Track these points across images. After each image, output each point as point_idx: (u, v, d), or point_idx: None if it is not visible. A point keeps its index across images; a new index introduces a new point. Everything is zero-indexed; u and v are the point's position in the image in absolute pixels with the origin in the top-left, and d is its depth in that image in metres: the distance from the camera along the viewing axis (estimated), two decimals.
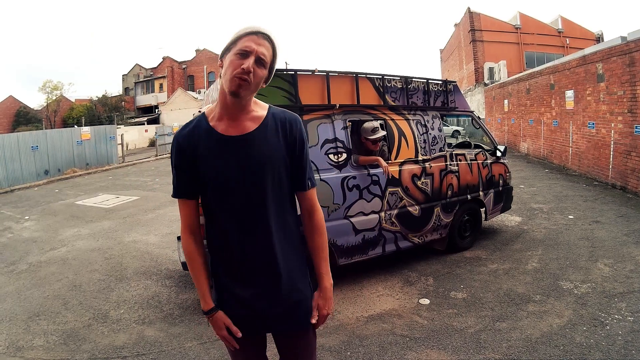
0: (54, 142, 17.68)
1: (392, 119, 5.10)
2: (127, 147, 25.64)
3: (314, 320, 1.81)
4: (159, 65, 47.19)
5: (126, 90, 49.01)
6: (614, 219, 7.14)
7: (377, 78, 5.00)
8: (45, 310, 4.65)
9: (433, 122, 5.50)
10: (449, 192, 5.55)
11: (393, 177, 4.94)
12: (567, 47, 30.61)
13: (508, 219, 7.47)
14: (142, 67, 49.01)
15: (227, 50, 1.64)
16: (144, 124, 37.73)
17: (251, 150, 1.66)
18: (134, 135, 32.30)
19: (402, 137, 5.13)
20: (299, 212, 1.87)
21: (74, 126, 27.97)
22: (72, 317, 4.45)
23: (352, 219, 4.66)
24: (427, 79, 5.48)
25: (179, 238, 5.39)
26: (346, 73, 4.78)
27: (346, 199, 4.59)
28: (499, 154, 6.27)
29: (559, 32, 32.34)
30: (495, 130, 22.71)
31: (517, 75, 20.50)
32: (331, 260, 4.61)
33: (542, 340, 3.55)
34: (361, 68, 39.85)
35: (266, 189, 1.67)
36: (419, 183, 5.19)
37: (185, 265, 4.49)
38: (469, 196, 5.82)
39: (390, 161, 4.96)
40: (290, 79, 4.36)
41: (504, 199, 6.51)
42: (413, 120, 5.29)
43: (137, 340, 3.89)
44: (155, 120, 40.43)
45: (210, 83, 40.73)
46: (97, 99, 45.24)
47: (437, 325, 3.92)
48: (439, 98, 5.63)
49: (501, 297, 4.42)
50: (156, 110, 43.17)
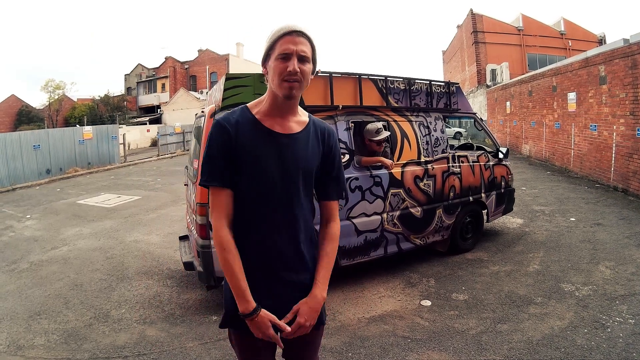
0: (56, 141, 17.70)
1: (394, 121, 5.09)
2: (129, 147, 25.66)
3: (284, 321, 1.67)
4: (161, 65, 47.21)
5: (128, 90, 49.05)
6: (615, 222, 7.13)
7: (380, 79, 5.00)
8: (46, 309, 4.65)
9: (435, 124, 5.50)
10: (451, 194, 5.55)
11: (395, 178, 4.94)
12: (569, 49, 30.65)
13: (510, 221, 7.46)
14: (145, 67, 49.04)
15: (267, 56, 1.65)
16: (146, 124, 37.76)
17: (295, 150, 1.69)
18: (136, 135, 32.34)
19: (404, 139, 5.13)
20: (320, 221, 1.90)
21: (76, 125, 27.99)
22: (73, 316, 4.45)
23: (355, 220, 4.65)
24: (430, 81, 5.47)
25: (181, 238, 5.42)
26: (349, 74, 4.77)
27: (348, 200, 4.59)
28: (501, 155, 6.27)
29: (562, 34, 32.37)
30: (497, 132, 22.69)
31: (519, 77, 20.52)
32: None
33: (543, 342, 3.54)
34: (364, 69, 39.87)
35: (300, 189, 1.70)
36: (421, 184, 5.19)
37: (187, 265, 4.50)
38: (471, 198, 5.81)
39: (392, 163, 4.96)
40: None
41: (505, 201, 6.50)
42: (416, 121, 5.28)
43: (138, 340, 3.89)
44: (157, 120, 40.49)
45: (212, 83, 40.76)
46: (99, 98, 45.29)
47: (439, 326, 3.92)
48: (441, 100, 5.62)
49: (502, 299, 4.42)
50: (158, 110, 43.21)
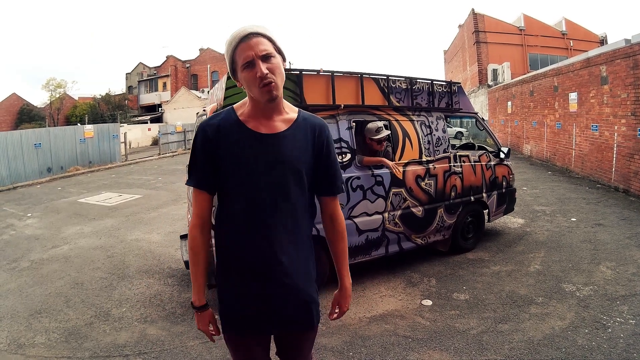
0: (57, 140, 17.73)
1: (396, 120, 5.09)
2: (130, 146, 25.69)
3: (334, 316, 1.95)
4: (162, 64, 47.27)
5: (129, 88, 49.12)
6: (616, 222, 7.12)
7: (381, 79, 4.99)
8: (47, 307, 4.65)
9: (437, 123, 5.49)
10: (453, 194, 5.54)
11: (397, 177, 4.94)
12: (570, 49, 30.64)
13: (511, 221, 7.45)
14: (146, 66, 49.11)
15: (233, 71, 1.65)
16: (147, 123, 37.82)
17: (280, 150, 1.66)
18: (137, 134, 32.38)
19: (406, 138, 5.13)
20: (321, 217, 1.92)
21: (77, 124, 28.01)
22: (74, 314, 4.46)
23: (356, 220, 4.65)
24: (432, 80, 5.46)
25: (182, 237, 5.43)
26: (351, 73, 4.77)
27: (350, 199, 4.59)
28: (502, 155, 6.26)
29: (563, 34, 32.36)
30: (498, 132, 22.68)
31: (520, 77, 20.49)
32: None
33: (544, 342, 3.54)
34: (366, 68, 39.87)
35: (289, 189, 1.67)
36: (422, 184, 5.18)
37: (187, 264, 4.50)
38: (472, 198, 5.81)
39: (394, 162, 4.96)
40: (295, 79, 4.36)
41: (507, 201, 6.49)
42: (417, 121, 5.28)
43: (139, 339, 3.89)
44: (158, 119, 40.55)
45: (214, 82, 40.77)
46: (100, 97, 45.28)
47: (440, 326, 3.92)
48: (443, 99, 5.62)
49: (503, 299, 4.42)
50: (159, 109, 43.29)
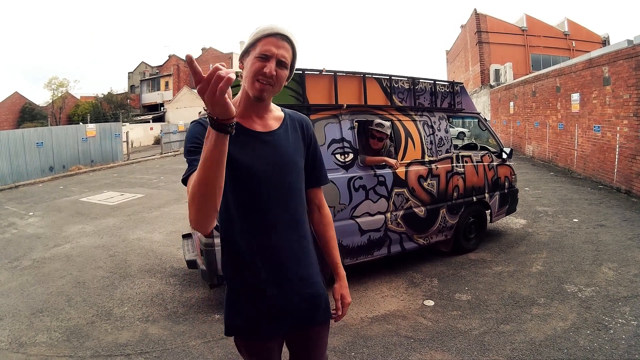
0: (59, 139, 17.76)
1: (399, 120, 5.08)
2: (132, 145, 25.73)
3: (339, 312, 1.88)
4: (164, 63, 47.29)
5: (132, 87, 49.12)
6: (618, 223, 7.11)
7: (384, 79, 4.99)
8: (48, 306, 4.66)
9: (440, 124, 5.49)
10: (455, 194, 5.54)
11: (399, 177, 4.93)
12: (573, 49, 30.58)
13: (513, 222, 7.44)
14: (148, 65, 49.11)
15: (246, 52, 1.63)
16: (149, 122, 37.86)
17: (278, 147, 1.67)
18: (139, 133, 32.42)
19: (408, 138, 5.12)
20: (307, 209, 1.89)
21: (79, 123, 28.06)
22: (75, 314, 4.46)
23: (358, 220, 4.65)
24: (434, 80, 5.46)
25: (184, 236, 5.43)
26: (354, 73, 4.76)
27: (352, 199, 4.58)
28: (504, 156, 6.25)
29: (565, 35, 32.28)
30: (500, 132, 22.65)
31: (523, 78, 20.47)
32: None
33: (546, 343, 3.53)
34: (368, 68, 39.84)
35: (290, 185, 1.69)
36: (425, 184, 5.18)
37: (190, 263, 4.50)
38: (474, 198, 5.80)
39: (395, 160, 4.96)
40: (297, 79, 4.35)
41: (509, 201, 6.48)
42: (420, 121, 5.27)
43: (141, 338, 3.89)
44: (160, 118, 40.55)
45: None
46: (102, 96, 45.32)
47: (442, 327, 3.91)
48: (445, 99, 5.61)
49: (505, 300, 4.41)
50: (162, 108, 43.28)
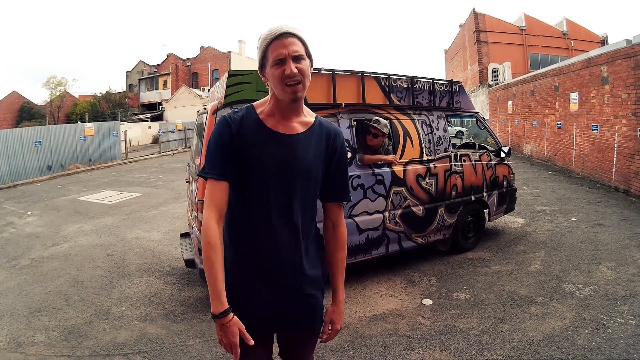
0: (57, 138, 17.71)
1: (397, 119, 5.08)
2: (130, 144, 25.68)
3: (325, 336, 1.87)
4: (163, 62, 47.17)
5: (130, 86, 49.00)
6: (616, 222, 7.12)
7: (383, 77, 4.99)
8: (46, 306, 4.65)
9: (438, 123, 5.49)
10: (453, 193, 5.54)
11: (398, 176, 4.93)
12: (571, 49, 30.60)
13: (511, 221, 7.45)
14: (146, 64, 48.99)
15: (262, 65, 1.65)
16: (147, 121, 37.77)
17: (296, 151, 1.68)
18: (138, 132, 32.34)
19: (407, 137, 5.12)
20: (323, 223, 1.92)
21: (77, 122, 27.98)
22: (73, 313, 4.45)
23: (356, 219, 4.65)
24: (433, 79, 5.46)
25: (182, 235, 5.42)
26: (352, 72, 4.76)
27: (350, 198, 4.57)
28: (503, 155, 6.25)
29: (564, 34, 32.31)
30: (498, 131, 22.66)
31: (521, 77, 20.49)
32: None
33: (544, 342, 3.54)
34: (366, 67, 39.85)
35: (301, 190, 1.70)
36: (423, 183, 5.18)
37: (188, 262, 4.49)
38: (472, 197, 5.80)
39: (393, 155, 4.96)
40: None
41: (507, 201, 6.49)
42: (418, 120, 5.27)
43: (139, 338, 3.88)
44: (158, 117, 40.47)
45: (214, 81, 40.76)
46: (100, 95, 45.19)
47: (440, 326, 3.91)
48: (444, 98, 5.61)
49: (504, 299, 4.42)
50: (160, 107, 43.19)
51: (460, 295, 4.56)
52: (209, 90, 31.33)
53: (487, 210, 6.19)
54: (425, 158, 5.25)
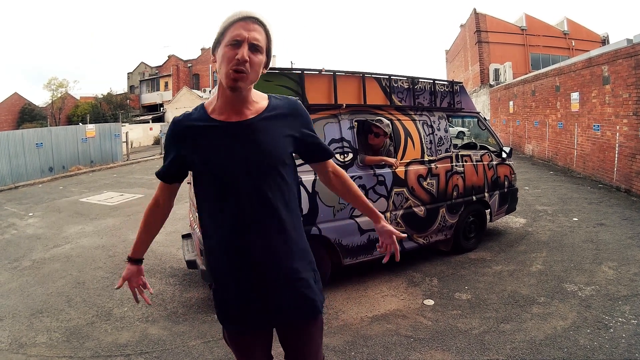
0: (59, 140, 17.74)
1: (398, 119, 5.08)
2: (131, 145, 25.71)
3: (380, 249, 2.04)
4: (164, 63, 47.29)
5: (131, 88, 49.11)
6: (618, 222, 7.11)
7: (383, 78, 4.99)
8: (48, 307, 4.66)
9: (439, 123, 5.49)
10: (455, 193, 5.54)
11: (399, 177, 4.93)
12: (572, 49, 30.57)
13: (513, 221, 7.44)
14: (148, 66, 49.11)
15: (217, 43, 1.58)
16: (148, 122, 37.84)
17: (254, 138, 1.61)
18: (139, 133, 32.39)
19: (408, 138, 5.12)
20: (324, 180, 1.95)
21: (78, 124, 28.04)
22: (75, 314, 4.46)
23: (358, 219, 4.64)
24: (434, 80, 5.46)
25: (184, 236, 5.43)
26: (353, 73, 4.76)
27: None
28: (504, 155, 6.25)
29: (565, 34, 32.29)
30: (500, 131, 22.65)
31: (522, 77, 20.48)
32: (336, 260, 4.62)
33: (546, 342, 3.53)
34: (367, 68, 39.81)
35: (270, 177, 1.63)
36: (424, 184, 5.18)
37: (190, 263, 4.49)
38: (474, 197, 5.80)
39: (395, 159, 4.96)
40: (297, 79, 4.35)
41: (509, 201, 6.48)
42: (419, 120, 5.27)
43: (141, 338, 3.89)
44: (160, 119, 40.53)
45: (215, 82, 40.73)
46: (102, 96, 45.30)
47: (442, 326, 3.91)
48: (445, 99, 5.61)
49: (505, 299, 4.41)
50: (161, 108, 43.28)
51: (461, 296, 4.56)
52: (210, 91, 31.38)
53: (489, 210, 6.19)
54: (426, 158, 5.25)
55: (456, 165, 5.55)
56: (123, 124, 27.88)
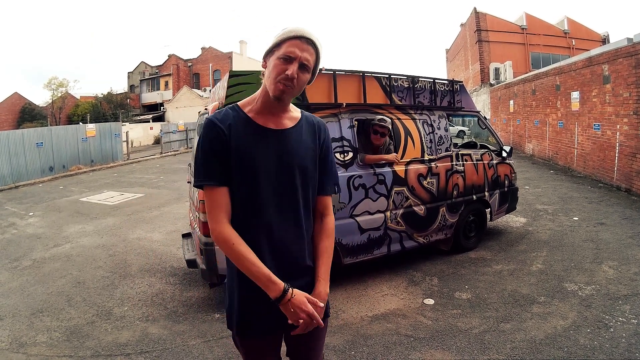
0: (59, 139, 17.72)
1: (398, 119, 5.08)
2: (132, 145, 25.72)
3: (297, 330, 1.67)
4: (164, 62, 47.22)
5: (131, 87, 49.05)
6: (618, 221, 7.11)
7: (384, 77, 4.99)
8: (48, 306, 4.66)
9: (439, 122, 5.48)
10: (455, 192, 5.53)
11: (399, 176, 4.93)
12: (573, 48, 30.54)
13: (513, 220, 7.44)
14: (148, 65, 49.04)
15: (270, 52, 1.65)
16: (149, 122, 37.82)
17: (288, 145, 1.69)
18: (139, 133, 32.40)
19: (408, 137, 5.12)
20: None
21: (79, 123, 28.04)
22: (75, 313, 4.46)
23: (358, 218, 4.65)
24: (434, 79, 5.46)
25: (184, 235, 5.43)
26: (353, 72, 4.76)
27: (352, 198, 4.58)
28: (504, 154, 6.25)
29: (565, 33, 32.25)
30: (500, 130, 22.64)
31: (522, 76, 20.46)
32: (336, 260, 4.61)
33: (546, 341, 3.53)
34: (368, 67, 39.80)
35: (298, 184, 1.70)
36: (424, 183, 5.18)
37: (190, 262, 4.49)
38: (474, 196, 5.80)
39: (395, 154, 4.96)
40: None
41: (509, 200, 6.48)
42: (419, 119, 5.27)
43: (141, 338, 3.89)
44: (160, 118, 40.54)
45: (215, 81, 40.77)
46: (102, 96, 45.27)
47: (442, 325, 3.91)
48: (445, 98, 5.61)
49: (505, 298, 4.41)
50: (161, 107, 43.25)
51: (462, 295, 4.56)
52: (210, 90, 31.39)
53: (489, 209, 6.19)
54: (426, 158, 5.24)
55: (456, 165, 5.55)
56: (123, 123, 27.90)
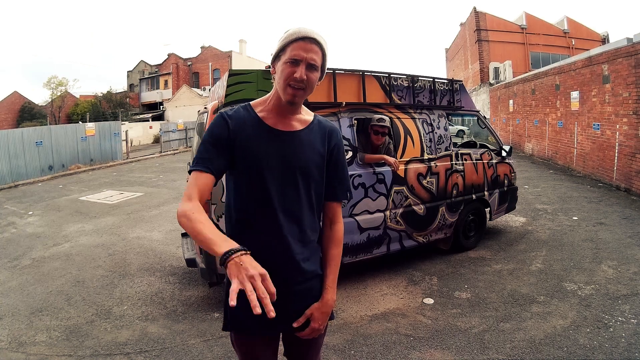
0: (59, 138, 17.71)
1: (398, 118, 5.08)
2: (131, 144, 25.71)
3: (296, 324, 1.72)
4: (164, 62, 47.19)
5: (131, 86, 49.02)
6: (618, 221, 7.11)
7: (383, 76, 4.98)
8: (48, 305, 4.66)
9: (439, 121, 5.48)
10: (454, 192, 5.53)
11: (399, 175, 4.93)
12: (572, 47, 30.53)
13: (512, 220, 7.44)
14: (147, 64, 49.01)
15: (277, 57, 1.66)
16: (148, 121, 37.78)
17: (292, 147, 1.69)
18: (139, 132, 32.37)
19: (408, 136, 5.11)
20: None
21: (78, 122, 28.00)
22: (75, 313, 4.46)
23: (357, 218, 4.64)
24: (434, 78, 5.46)
25: (183, 235, 5.42)
26: (353, 71, 4.76)
27: (351, 197, 4.57)
28: (504, 153, 6.25)
29: (565, 33, 32.25)
30: (500, 130, 22.65)
31: (522, 76, 20.46)
32: None
33: (546, 341, 3.53)
34: (367, 66, 39.82)
35: (301, 186, 1.70)
36: (424, 182, 5.18)
37: (189, 261, 4.49)
38: (474, 196, 5.80)
39: (395, 159, 4.95)
40: None
41: (508, 199, 6.48)
42: (419, 119, 5.27)
43: (140, 337, 3.89)
44: (159, 117, 40.50)
45: (215, 80, 40.76)
46: (101, 95, 45.23)
47: (441, 325, 3.91)
48: (445, 97, 5.61)
49: (505, 298, 4.41)
50: (161, 106, 43.22)
51: (461, 294, 4.56)
52: (209, 89, 31.36)
53: (489, 209, 6.19)
54: (426, 157, 5.24)
55: (456, 164, 5.55)
56: (123, 122, 27.82)
